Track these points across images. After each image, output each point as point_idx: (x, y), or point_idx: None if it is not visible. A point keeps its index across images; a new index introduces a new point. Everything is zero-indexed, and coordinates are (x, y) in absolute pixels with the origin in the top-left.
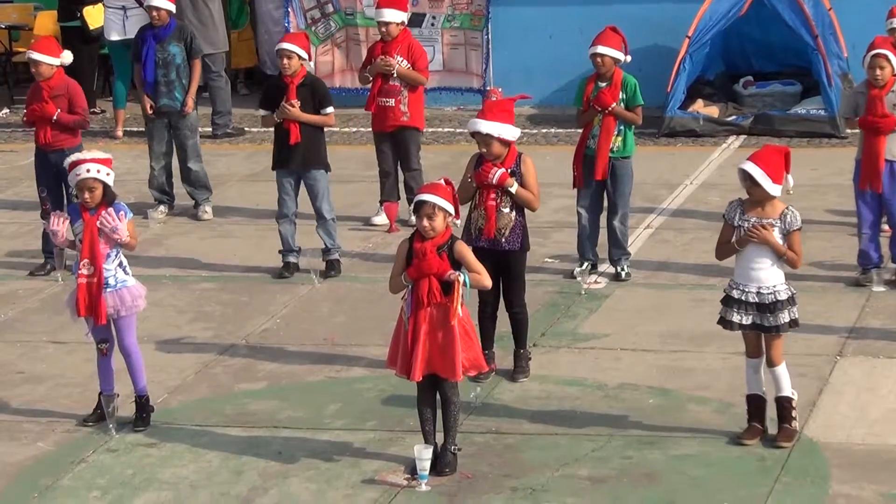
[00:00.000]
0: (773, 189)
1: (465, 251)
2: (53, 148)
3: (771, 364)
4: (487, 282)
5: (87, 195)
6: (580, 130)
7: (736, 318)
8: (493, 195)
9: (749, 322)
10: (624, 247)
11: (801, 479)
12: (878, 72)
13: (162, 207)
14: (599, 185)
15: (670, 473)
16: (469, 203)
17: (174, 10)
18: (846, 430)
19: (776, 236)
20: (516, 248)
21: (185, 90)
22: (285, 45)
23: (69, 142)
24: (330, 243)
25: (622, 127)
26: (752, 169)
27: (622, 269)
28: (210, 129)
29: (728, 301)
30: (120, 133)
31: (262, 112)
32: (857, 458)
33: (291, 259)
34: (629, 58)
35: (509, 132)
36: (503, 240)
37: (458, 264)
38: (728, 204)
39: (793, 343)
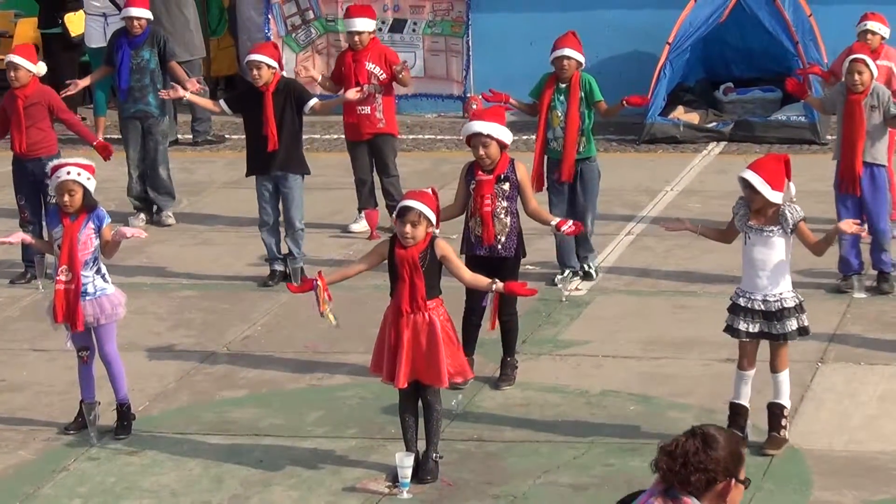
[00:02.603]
0: (773, 196)
1: (448, 250)
2: (31, 156)
3: (774, 370)
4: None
5: (66, 198)
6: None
7: (742, 325)
8: (487, 201)
9: (756, 330)
10: (590, 244)
11: (784, 486)
12: (857, 76)
13: (142, 215)
14: (571, 191)
15: (652, 480)
16: (464, 212)
17: (152, 18)
18: (828, 437)
19: (780, 242)
20: (511, 254)
21: (157, 95)
22: (253, 57)
23: (46, 150)
24: (297, 252)
25: (583, 128)
26: (752, 177)
27: (589, 266)
28: (191, 137)
29: (735, 309)
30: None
31: (223, 104)
32: (838, 465)
33: (277, 267)
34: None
35: (505, 134)
36: (500, 246)
37: (439, 263)
38: (737, 201)
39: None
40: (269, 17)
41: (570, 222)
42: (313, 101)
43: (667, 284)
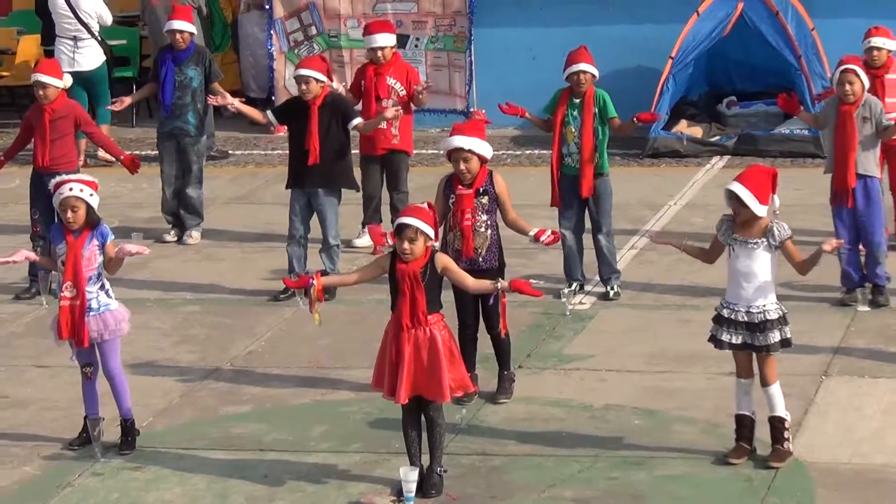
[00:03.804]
0: (759, 210)
1: (448, 261)
2: (51, 171)
3: (764, 383)
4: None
5: (69, 214)
6: None
7: (725, 336)
8: (468, 215)
9: (739, 342)
10: (613, 265)
11: (788, 500)
12: (848, 87)
13: (173, 231)
14: (581, 205)
15: (656, 494)
16: (443, 224)
17: (195, 32)
18: (832, 450)
19: (764, 255)
20: (493, 266)
21: (197, 114)
22: (302, 72)
23: (67, 166)
24: (331, 268)
25: (597, 143)
26: (739, 189)
27: (612, 288)
28: None
29: (718, 320)
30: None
31: (269, 115)
32: (843, 478)
33: None
34: None
35: (486, 149)
36: (480, 259)
37: (440, 277)
38: (720, 219)
39: (777, 363)
40: (272, 32)
41: (549, 231)
42: (358, 121)
43: (671, 298)
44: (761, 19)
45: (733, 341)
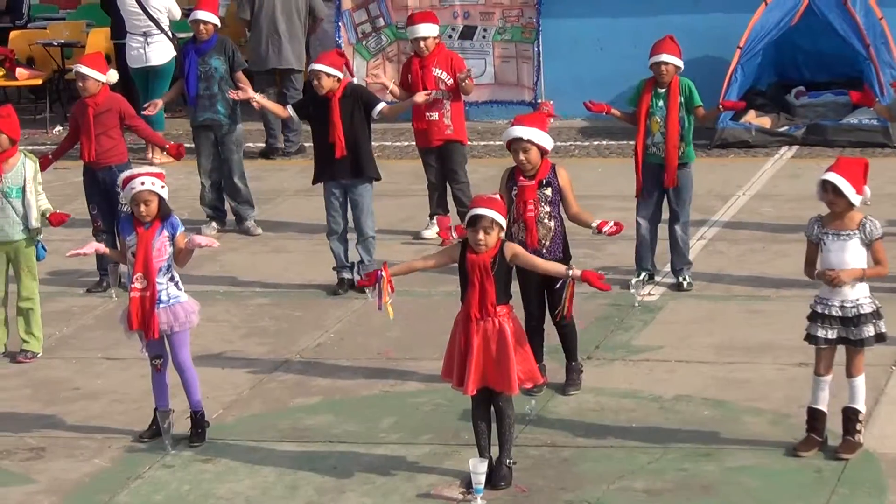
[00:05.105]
0: (855, 199)
1: (519, 250)
2: (101, 165)
3: (850, 375)
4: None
5: (142, 208)
6: (632, 142)
7: (821, 332)
8: (530, 206)
9: (834, 336)
10: (686, 255)
11: (858, 491)
12: None
13: (214, 224)
14: (661, 195)
15: (726, 485)
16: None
17: (219, 24)
18: None
19: (857, 247)
20: (558, 257)
21: (227, 104)
22: (314, 66)
23: (117, 158)
24: (368, 259)
25: (683, 133)
26: (836, 179)
27: (684, 279)
28: (262, 145)
29: (813, 316)
30: (157, 159)
31: (291, 112)
32: None
33: (346, 275)
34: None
35: (546, 140)
36: (544, 250)
37: (509, 268)
38: (808, 222)
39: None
40: (340, 24)
41: (612, 223)
42: (381, 106)
43: (740, 289)
44: (829, 8)
45: (829, 336)
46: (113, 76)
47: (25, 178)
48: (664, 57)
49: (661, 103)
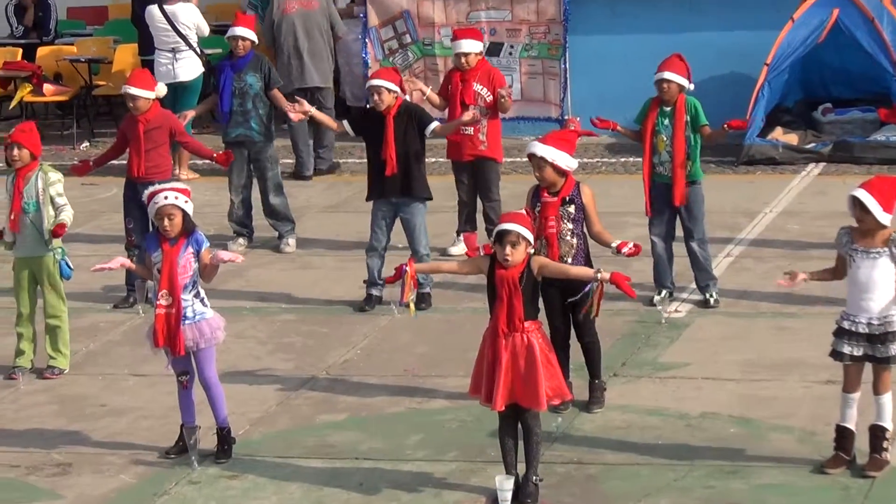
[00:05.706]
0: (883, 217)
1: (545, 260)
2: (146, 180)
3: (877, 392)
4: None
5: (166, 223)
6: None
7: (847, 349)
8: (552, 222)
9: (860, 353)
10: (709, 271)
11: None
12: None
13: (241, 240)
14: (672, 212)
15: (753, 503)
16: None
17: (256, 41)
18: None
19: (887, 264)
20: None
21: (261, 121)
22: (374, 82)
23: (162, 175)
24: (422, 278)
25: (689, 151)
26: (864, 196)
27: (710, 296)
28: (292, 162)
29: (839, 333)
30: (183, 175)
31: (347, 127)
32: None
33: (374, 292)
34: (692, 85)
35: (564, 160)
36: None
37: (536, 282)
38: (837, 233)
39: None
40: (367, 41)
41: (631, 244)
42: (434, 125)
43: (766, 306)
44: (856, 25)
45: (854, 353)
46: (161, 90)
47: (38, 190)
48: (666, 74)
49: (666, 122)
